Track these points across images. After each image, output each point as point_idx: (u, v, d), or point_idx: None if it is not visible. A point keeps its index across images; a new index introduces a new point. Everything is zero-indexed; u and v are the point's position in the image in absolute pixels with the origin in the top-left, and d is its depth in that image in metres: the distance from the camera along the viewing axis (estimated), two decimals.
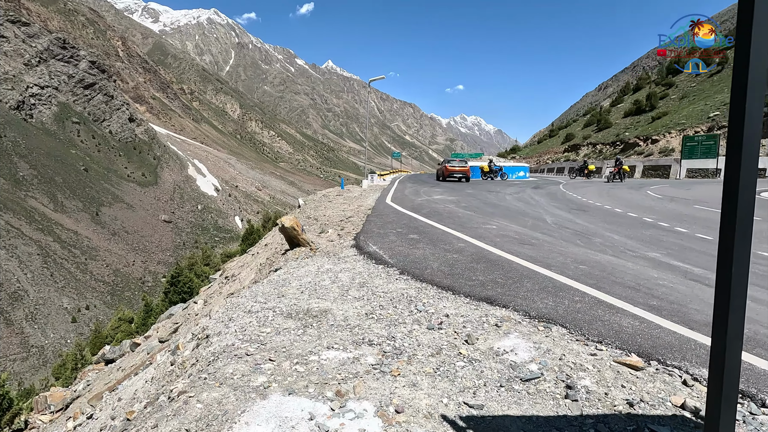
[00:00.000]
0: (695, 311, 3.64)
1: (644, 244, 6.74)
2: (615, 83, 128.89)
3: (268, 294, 4.33)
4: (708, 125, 37.76)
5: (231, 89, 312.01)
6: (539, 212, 10.81)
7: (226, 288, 9.93)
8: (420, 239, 6.87)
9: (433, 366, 2.69)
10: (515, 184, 23.39)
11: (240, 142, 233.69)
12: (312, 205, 13.79)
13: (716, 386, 1.00)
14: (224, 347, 3.03)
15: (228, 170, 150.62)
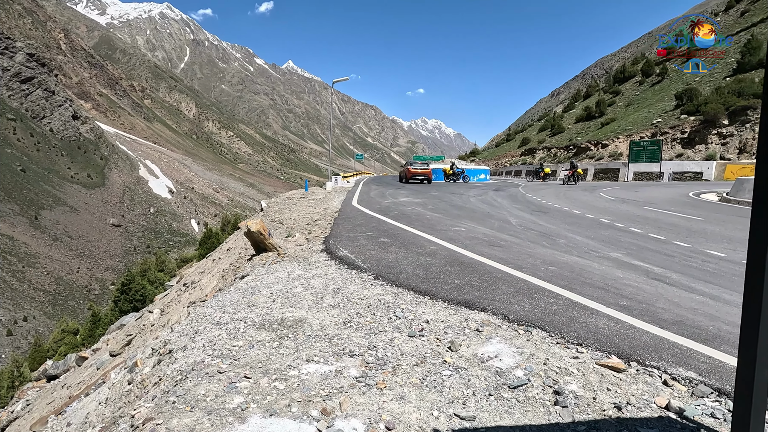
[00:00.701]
0: (662, 310, 3.78)
1: (605, 245, 7.01)
2: (566, 90, 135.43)
3: (237, 303, 4.08)
4: (652, 131, 40.36)
5: (186, 87, 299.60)
6: (503, 214, 11.05)
7: (186, 296, 9.40)
8: (391, 242, 6.79)
9: (419, 376, 2.60)
10: (477, 187, 23.90)
11: (196, 142, 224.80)
12: (276, 207, 13.39)
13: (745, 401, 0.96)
14: (192, 364, 2.79)
15: (183, 171, 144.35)
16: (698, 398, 2.39)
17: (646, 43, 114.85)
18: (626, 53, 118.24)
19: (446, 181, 29.58)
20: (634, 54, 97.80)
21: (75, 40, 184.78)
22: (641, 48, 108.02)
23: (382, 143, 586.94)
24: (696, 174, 30.97)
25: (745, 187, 15.68)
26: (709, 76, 44.67)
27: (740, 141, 33.36)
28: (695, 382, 2.53)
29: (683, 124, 38.31)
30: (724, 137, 34.70)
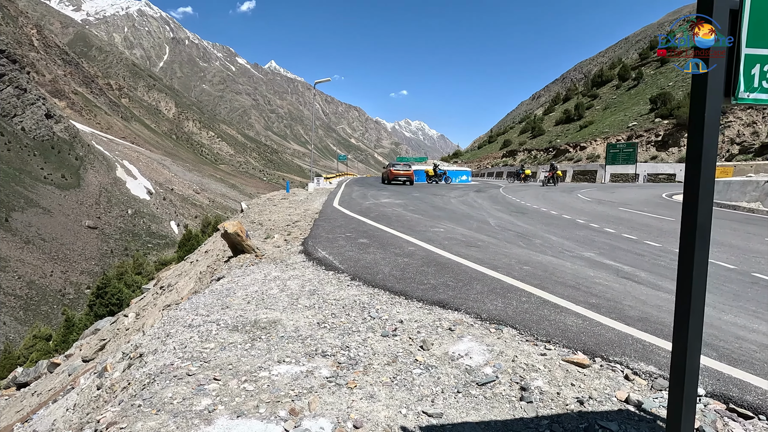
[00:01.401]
0: (629, 307, 3.90)
1: (579, 245, 7.18)
2: (547, 93, 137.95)
3: (211, 305, 4.04)
4: (628, 134, 41.48)
5: (165, 86, 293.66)
6: (483, 215, 11.20)
7: (162, 299, 9.23)
8: (370, 243, 6.81)
9: (389, 375, 2.63)
10: (459, 188, 24.13)
11: (176, 142, 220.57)
12: (256, 209, 13.26)
13: (678, 388, 1.02)
14: (161, 367, 2.76)
15: (162, 172, 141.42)
16: (657, 391, 2.48)
17: (622, 48, 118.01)
18: (604, 58, 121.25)
19: (428, 182, 29.78)
20: (611, 59, 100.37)
21: (48, 37, 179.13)
22: (618, 53, 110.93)
23: (365, 144, 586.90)
24: (669, 176, 31.96)
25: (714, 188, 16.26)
26: (682, 81, 46.22)
27: None
28: (655, 375, 2.63)
29: (657, 127, 39.51)
30: None
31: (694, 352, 1.00)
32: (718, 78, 0.96)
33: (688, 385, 1.01)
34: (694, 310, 1.00)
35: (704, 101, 0.94)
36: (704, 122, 0.94)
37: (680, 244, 1.03)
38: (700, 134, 0.96)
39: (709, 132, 0.95)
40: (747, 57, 1.04)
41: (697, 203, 0.96)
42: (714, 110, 0.95)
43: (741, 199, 14.50)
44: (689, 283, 0.99)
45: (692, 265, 0.98)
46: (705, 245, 0.99)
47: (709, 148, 0.95)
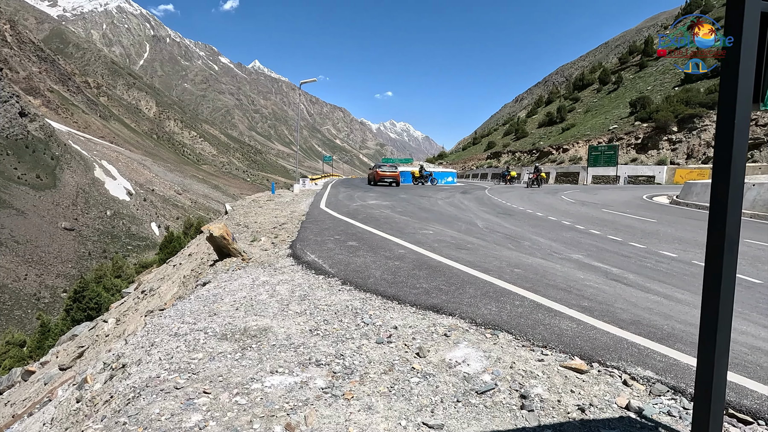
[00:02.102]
0: (621, 310, 3.91)
1: (567, 246, 7.23)
2: (530, 96, 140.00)
3: (198, 312, 3.90)
4: (608, 137, 42.33)
5: (146, 85, 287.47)
6: (470, 216, 11.22)
7: (144, 304, 8.95)
8: (359, 246, 6.73)
9: (387, 385, 2.55)
10: (445, 189, 24.22)
11: (157, 142, 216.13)
12: (241, 211, 13.03)
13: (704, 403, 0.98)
14: (147, 380, 2.63)
15: (143, 172, 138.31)
16: (656, 397, 2.47)
17: (602, 52, 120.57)
18: (585, 62, 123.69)
19: (414, 183, 29.82)
20: (592, 63, 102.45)
21: (23, 33, 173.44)
22: (598, 57, 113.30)
23: (350, 145, 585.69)
24: (649, 178, 32.72)
25: (692, 190, 16.69)
26: (659, 85, 47.44)
27: (688, 147, 35.56)
28: (653, 381, 2.62)
29: (637, 130, 40.43)
30: (674, 143, 36.88)
31: (721, 366, 0.97)
32: (747, 84, 0.93)
33: (715, 402, 0.97)
34: (722, 323, 0.96)
35: (734, 107, 0.91)
36: (734, 128, 0.91)
37: (707, 255, 0.99)
38: (730, 141, 0.92)
39: (738, 139, 0.92)
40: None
41: (726, 213, 0.93)
42: (744, 116, 0.91)
43: None
44: (717, 296, 0.95)
45: (720, 277, 0.95)
46: (733, 257, 0.96)
47: (739, 155, 0.92)
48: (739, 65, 0.88)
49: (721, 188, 0.95)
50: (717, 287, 0.96)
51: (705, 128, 34.60)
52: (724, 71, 0.95)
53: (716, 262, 0.96)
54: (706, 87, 37.91)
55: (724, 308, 0.97)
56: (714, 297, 0.97)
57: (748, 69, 0.89)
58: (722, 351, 0.97)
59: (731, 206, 0.92)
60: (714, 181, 0.97)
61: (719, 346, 0.97)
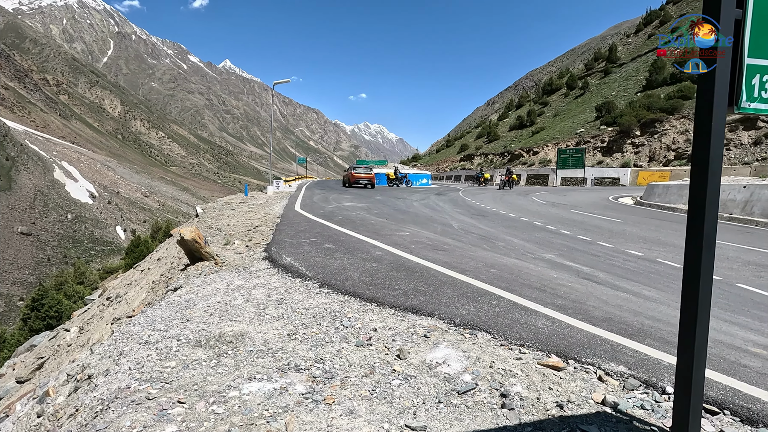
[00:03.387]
0: (593, 308, 4.03)
1: (540, 246, 7.41)
2: (501, 99, 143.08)
3: (169, 319, 3.76)
4: (576, 140, 43.75)
5: (109, 83, 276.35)
6: (445, 218, 11.34)
7: (110, 311, 8.57)
8: (336, 248, 6.67)
9: (368, 388, 2.53)
10: (420, 191, 24.40)
11: (122, 143, 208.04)
12: (213, 213, 12.69)
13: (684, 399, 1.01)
14: (116, 391, 2.50)
15: (107, 174, 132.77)
16: (629, 391, 2.55)
17: (570, 58, 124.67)
18: (553, 67, 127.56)
19: (389, 185, 29.91)
20: (559, 68, 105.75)
21: None
22: (566, 63, 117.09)
23: (324, 147, 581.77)
24: (614, 179, 34.01)
25: (655, 191, 17.46)
26: (623, 90, 49.44)
27: (650, 150, 37.19)
28: (626, 376, 2.71)
29: (603, 134, 41.98)
30: (637, 146, 38.51)
31: (700, 361, 1.00)
32: (723, 87, 0.97)
33: (695, 395, 1.00)
34: (701, 320, 0.99)
35: (711, 110, 0.95)
36: (711, 131, 0.94)
37: (686, 254, 1.03)
38: (707, 143, 0.96)
39: (715, 140, 0.95)
40: (749, 67, 1.07)
41: (704, 213, 0.96)
42: (720, 119, 0.95)
43: (679, 201, 15.63)
44: (696, 293, 0.99)
45: (699, 274, 0.98)
46: (711, 254, 0.99)
47: (716, 157, 0.95)
48: (715, 72, 0.92)
49: (700, 188, 0.99)
50: (696, 284, 0.99)
51: (665, 132, 36.29)
52: (701, 76, 0.99)
53: (695, 260, 0.99)
54: (666, 93, 39.78)
55: (703, 304, 1.00)
56: (693, 294, 1.00)
57: (723, 74, 0.93)
58: (701, 346, 1.01)
59: (709, 206, 0.96)
60: (692, 182, 1.01)
61: (698, 342, 1.00)
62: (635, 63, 56.34)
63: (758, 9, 1.00)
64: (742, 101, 1.07)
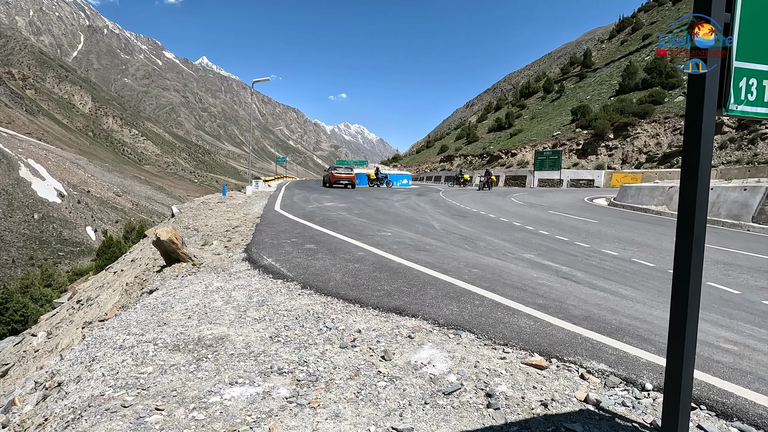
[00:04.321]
0: (573, 307, 4.11)
1: (519, 246, 7.52)
2: (479, 102, 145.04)
3: (145, 322, 3.63)
4: (553, 142, 44.71)
5: (80, 78, 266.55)
6: (427, 218, 11.39)
7: (80, 315, 8.25)
8: (318, 249, 6.60)
9: (353, 390, 2.50)
10: (400, 192, 24.46)
11: (93, 140, 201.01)
12: (189, 213, 12.38)
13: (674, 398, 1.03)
14: (89, 398, 2.39)
15: (77, 173, 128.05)
16: (610, 389, 2.60)
17: (546, 62, 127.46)
18: (530, 71, 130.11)
19: (370, 185, 29.87)
20: (536, 72, 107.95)
21: None
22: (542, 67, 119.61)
23: (304, 147, 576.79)
24: (589, 181, 34.91)
25: (628, 193, 18.00)
26: (597, 95, 50.82)
27: (623, 153, 38.35)
28: (606, 373, 2.76)
29: (578, 136, 43.05)
30: (611, 149, 39.65)
31: (689, 359, 1.02)
32: (712, 90, 0.99)
33: (684, 393, 1.02)
34: (690, 318, 1.01)
35: (701, 112, 0.96)
36: (701, 132, 0.96)
37: (675, 254, 1.04)
38: (697, 144, 0.98)
39: (705, 143, 0.97)
40: (737, 70, 1.10)
41: (694, 213, 0.98)
42: (710, 121, 0.97)
43: (650, 202, 16.16)
44: (686, 292, 1.00)
45: (689, 275, 0.99)
46: (700, 254, 1.01)
47: (705, 158, 0.97)
48: (706, 74, 0.94)
49: (690, 189, 1.01)
50: (686, 284, 1.01)
51: (637, 136, 37.49)
52: (691, 79, 1.01)
53: (686, 259, 1.01)
54: (638, 98, 41.10)
55: (693, 303, 1.02)
56: (683, 293, 1.02)
57: (714, 76, 0.95)
58: (690, 345, 1.03)
59: (698, 207, 0.97)
60: (682, 183, 1.03)
61: (688, 341, 1.02)
62: (609, 68, 58.02)
63: (746, 13, 1.03)
64: (730, 104, 1.10)
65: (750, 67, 1.10)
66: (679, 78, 40.48)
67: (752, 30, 1.07)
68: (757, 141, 27.60)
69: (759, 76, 1.12)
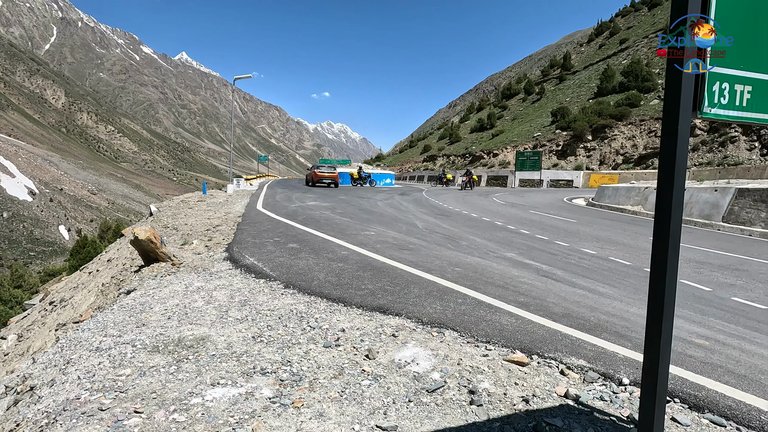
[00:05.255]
0: (553, 304, 4.19)
1: (501, 245, 7.62)
2: (462, 102, 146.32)
3: (123, 323, 3.54)
4: (533, 143, 45.46)
5: (52, 72, 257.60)
6: (410, 218, 11.43)
7: (53, 316, 7.98)
8: (301, 248, 6.55)
9: (337, 389, 2.49)
10: (384, 191, 24.48)
11: (66, 136, 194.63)
12: (168, 212, 12.12)
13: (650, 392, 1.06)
14: (64, 402, 2.32)
15: (49, 170, 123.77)
16: (589, 384, 2.67)
17: (527, 64, 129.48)
18: (512, 72, 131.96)
19: (353, 185, 29.81)
20: (518, 74, 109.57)
21: None
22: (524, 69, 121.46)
23: (286, 145, 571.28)
24: (568, 181, 35.64)
25: (605, 193, 18.45)
26: (576, 97, 51.88)
27: (601, 154, 39.27)
28: (585, 369, 2.83)
29: (558, 138, 43.88)
30: (589, 150, 40.55)
31: (665, 354, 1.06)
32: (688, 93, 1.03)
33: (660, 386, 1.06)
34: (666, 314, 1.05)
35: (678, 114, 1.00)
36: (678, 134, 0.99)
37: (653, 251, 1.08)
38: (674, 145, 1.01)
39: (681, 143, 1.01)
40: (710, 74, 1.14)
41: (671, 212, 1.02)
42: (686, 123, 1.01)
43: (627, 202, 16.60)
44: (662, 288, 1.04)
45: (665, 271, 1.03)
46: (676, 252, 1.05)
47: (681, 159, 1.01)
48: (682, 77, 0.97)
49: (666, 189, 1.04)
50: (662, 280, 1.04)
51: (614, 138, 38.45)
52: (669, 83, 1.05)
53: (662, 257, 1.05)
54: (615, 101, 42.15)
55: (669, 299, 1.06)
56: (660, 289, 1.05)
57: (689, 80, 0.98)
58: (666, 340, 1.06)
59: (675, 205, 1.01)
60: (659, 183, 1.07)
61: (664, 336, 1.06)
62: (587, 71, 59.32)
63: (719, 17, 1.07)
64: (704, 107, 1.14)
65: (722, 72, 1.15)
66: (654, 82, 41.71)
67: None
68: (727, 144, 28.67)
69: (731, 81, 1.17)
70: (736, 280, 5.82)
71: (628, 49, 56.46)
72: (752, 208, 11.43)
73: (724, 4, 1.07)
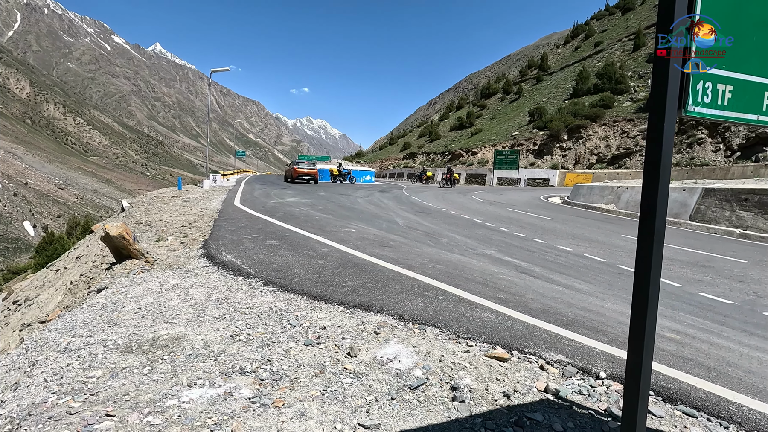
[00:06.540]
0: (532, 300, 4.25)
1: (480, 243, 7.70)
2: (442, 100, 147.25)
3: (93, 323, 3.40)
4: (511, 142, 46.17)
5: (16, 60, 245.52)
6: (390, 215, 11.43)
7: (17, 316, 7.62)
8: (280, 245, 6.45)
9: (319, 388, 2.45)
10: (364, 188, 24.41)
11: (31, 128, 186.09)
12: (141, 208, 11.74)
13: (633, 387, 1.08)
14: (29, 407, 2.21)
15: (12, 163, 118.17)
16: (568, 378, 2.71)
17: (505, 64, 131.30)
18: (490, 72, 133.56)
19: (333, 181, 29.61)
20: (496, 73, 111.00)
21: None
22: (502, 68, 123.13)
23: (265, 141, 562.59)
24: (544, 180, 36.39)
25: (580, 192, 18.92)
26: (553, 97, 52.94)
27: (576, 154, 40.24)
28: (564, 364, 2.88)
29: (535, 137, 44.70)
30: (565, 150, 41.48)
31: (648, 349, 1.07)
32: (674, 91, 1.04)
33: (643, 381, 1.07)
34: (650, 311, 1.06)
35: (663, 113, 1.01)
36: (663, 132, 1.01)
37: (638, 248, 1.09)
38: (660, 144, 1.03)
39: (666, 142, 1.02)
40: (695, 73, 1.16)
41: (656, 210, 1.03)
42: (671, 121, 1.02)
43: (600, 201, 17.06)
44: (646, 286, 1.05)
45: (650, 268, 1.04)
46: (660, 249, 1.07)
47: (666, 157, 1.02)
48: (668, 75, 0.99)
49: (651, 187, 1.06)
50: (647, 277, 1.06)
51: (589, 138, 39.45)
52: (655, 81, 1.06)
53: (646, 255, 1.06)
54: (590, 102, 43.23)
55: (653, 296, 1.07)
56: (644, 285, 1.07)
57: (675, 78, 1.00)
58: (650, 335, 1.08)
59: (660, 203, 1.02)
60: (645, 181, 1.08)
61: (648, 332, 1.07)
62: (564, 72, 60.60)
63: (705, 20, 1.09)
64: (688, 105, 1.16)
65: (707, 71, 1.17)
66: (626, 84, 42.96)
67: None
68: (694, 145, 29.82)
69: (713, 80, 1.20)
70: (704, 276, 6.05)
71: (602, 51, 57.92)
72: (717, 208, 11.92)
73: (709, 5, 1.09)
